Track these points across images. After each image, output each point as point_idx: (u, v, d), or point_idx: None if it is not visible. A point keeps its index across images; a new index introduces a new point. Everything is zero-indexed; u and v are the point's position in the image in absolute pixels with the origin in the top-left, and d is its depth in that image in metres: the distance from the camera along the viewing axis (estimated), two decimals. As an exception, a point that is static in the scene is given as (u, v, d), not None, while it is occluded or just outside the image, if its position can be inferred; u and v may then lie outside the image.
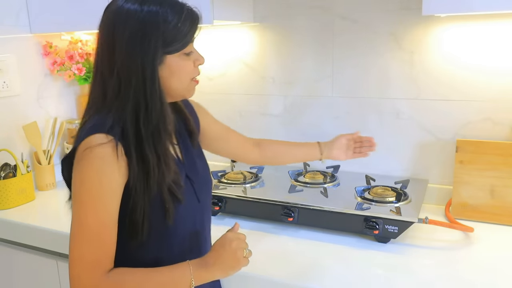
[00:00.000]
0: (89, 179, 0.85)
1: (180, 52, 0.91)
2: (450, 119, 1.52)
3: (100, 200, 0.85)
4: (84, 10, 1.66)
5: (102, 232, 0.84)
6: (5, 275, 1.66)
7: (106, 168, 0.85)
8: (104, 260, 0.85)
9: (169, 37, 0.89)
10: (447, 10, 1.20)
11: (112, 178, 0.85)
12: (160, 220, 0.92)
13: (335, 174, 1.63)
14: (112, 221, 0.86)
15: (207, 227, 1.08)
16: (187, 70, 0.94)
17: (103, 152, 0.85)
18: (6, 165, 1.67)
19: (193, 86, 0.98)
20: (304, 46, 1.68)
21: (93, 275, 0.83)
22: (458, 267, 1.18)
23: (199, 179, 1.03)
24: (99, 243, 0.84)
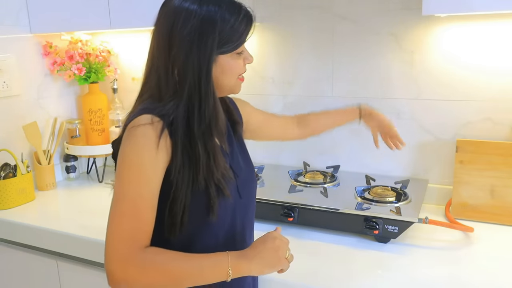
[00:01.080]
0: (131, 155, 0.86)
1: (233, 52, 0.93)
2: (450, 119, 1.52)
3: (141, 175, 0.85)
4: (84, 10, 1.66)
5: (142, 207, 0.84)
6: (5, 275, 1.66)
7: (146, 147, 0.85)
8: (141, 235, 0.84)
9: (225, 37, 0.90)
10: (447, 10, 1.20)
11: (153, 157, 0.86)
12: (200, 215, 0.92)
13: (335, 174, 1.63)
14: (152, 197, 0.86)
15: (247, 228, 1.06)
16: (237, 68, 0.96)
17: (147, 131, 0.86)
18: (6, 165, 1.67)
19: (239, 83, 1.00)
20: (304, 46, 1.68)
21: (129, 247, 0.82)
22: (458, 267, 1.18)
23: (242, 174, 1.01)
24: (137, 218, 0.84)
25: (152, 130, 0.86)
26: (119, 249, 0.82)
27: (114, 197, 0.86)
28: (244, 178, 1.02)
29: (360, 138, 1.65)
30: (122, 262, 0.81)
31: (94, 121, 1.92)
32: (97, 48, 1.91)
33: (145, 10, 1.56)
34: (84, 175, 2.04)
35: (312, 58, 1.67)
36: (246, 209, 1.04)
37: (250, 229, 1.08)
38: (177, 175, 0.88)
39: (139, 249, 0.82)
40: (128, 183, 0.85)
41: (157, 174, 0.87)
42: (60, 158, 1.97)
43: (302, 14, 1.65)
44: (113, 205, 0.85)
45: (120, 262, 0.81)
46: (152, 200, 0.86)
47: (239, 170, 1.01)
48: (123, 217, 0.83)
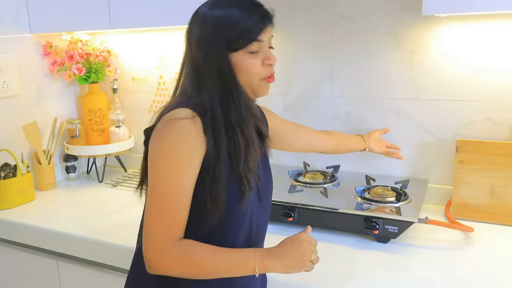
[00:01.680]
0: (168, 148, 0.88)
1: (244, 50, 0.94)
2: (450, 119, 1.52)
3: (177, 169, 0.88)
4: (84, 10, 1.66)
5: (177, 200, 0.88)
6: (5, 275, 1.66)
7: (185, 140, 0.88)
8: (176, 227, 0.88)
9: (235, 35, 0.92)
10: (447, 10, 1.20)
11: (190, 151, 0.88)
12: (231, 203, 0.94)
13: (335, 174, 1.63)
14: (186, 191, 0.89)
15: (261, 232, 1.08)
16: (253, 68, 0.95)
17: (185, 125, 0.88)
18: (6, 165, 1.67)
19: (264, 85, 0.99)
20: (304, 46, 1.68)
21: (165, 238, 0.87)
22: (458, 267, 1.18)
23: (262, 180, 1.03)
24: (173, 210, 0.88)
25: (191, 125, 0.89)
26: (156, 239, 0.87)
27: (150, 187, 0.90)
28: (263, 184, 1.04)
29: (360, 138, 1.66)
30: (159, 252, 0.87)
31: (94, 121, 1.92)
32: (97, 48, 1.91)
33: (145, 10, 1.56)
34: (84, 175, 2.04)
35: (312, 58, 1.67)
36: (263, 213, 1.06)
37: (263, 233, 1.09)
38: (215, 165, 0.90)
39: (174, 241, 0.88)
40: (165, 176, 0.88)
41: (193, 168, 0.89)
42: (60, 158, 1.98)
43: (302, 14, 1.65)
44: (149, 196, 0.90)
45: (156, 251, 0.87)
46: (187, 193, 0.89)
47: (260, 172, 1.02)
48: (159, 209, 0.88)
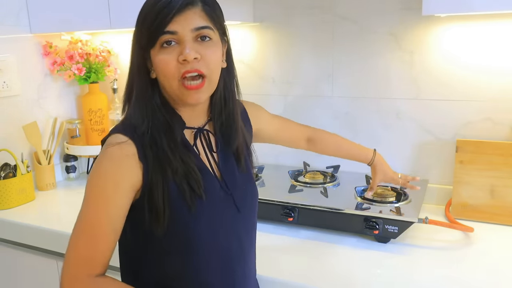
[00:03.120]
0: (95, 177, 0.84)
1: (158, 45, 0.84)
2: (450, 119, 1.52)
3: (101, 200, 0.83)
4: (84, 10, 1.66)
5: (98, 232, 0.82)
6: (5, 275, 1.66)
7: (111, 168, 0.84)
8: (94, 261, 0.82)
9: (143, 28, 0.85)
10: (447, 10, 1.20)
11: (117, 180, 0.83)
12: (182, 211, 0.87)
13: (335, 174, 1.63)
14: (111, 221, 0.83)
15: (247, 246, 0.98)
16: (169, 68, 0.84)
17: (115, 153, 0.84)
18: (6, 165, 1.67)
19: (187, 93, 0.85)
20: (304, 46, 1.68)
21: (78, 271, 0.81)
22: (458, 267, 1.18)
23: (239, 191, 0.96)
24: (92, 245, 0.82)
25: (119, 153, 0.84)
26: (70, 270, 0.82)
27: (79, 214, 0.84)
28: (241, 194, 0.97)
29: (360, 138, 1.65)
30: (71, 282, 0.81)
31: (94, 121, 1.92)
32: (97, 48, 1.91)
33: (145, 10, 1.56)
34: (84, 175, 2.04)
35: (312, 58, 1.67)
36: (245, 222, 0.98)
37: (249, 243, 1.00)
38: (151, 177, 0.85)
39: (87, 276, 0.81)
40: (87, 206, 0.83)
41: (120, 198, 0.83)
42: (60, 158, 1.97)
43: (302, 14, 1.65)
44: (75, 223, 0.84)
45: (68, 282, 0.81)
46: (111, 225, 0.83)
47: (233, 186, 0.96)
48: (79, 240, 0.83)
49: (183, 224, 0.88)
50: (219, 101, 0.95)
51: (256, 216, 1.04)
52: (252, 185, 1.03)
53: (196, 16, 0.83)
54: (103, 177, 0.84)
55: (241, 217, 0.97)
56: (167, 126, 0.88)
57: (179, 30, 0.82)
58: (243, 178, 0.99)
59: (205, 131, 0.95)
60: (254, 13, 1.72)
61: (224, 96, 0.95)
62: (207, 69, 0.85)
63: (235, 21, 1.67)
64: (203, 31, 0.84)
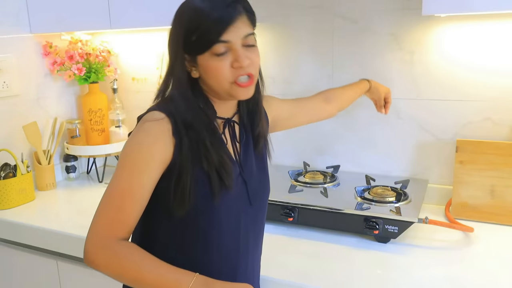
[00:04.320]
0: (130, 148, 0.90)
1: (210, 53, 0.89)
2: (450, 119, 1.52)
3: (135, 168, 0.88)
4: (84, 10, 1.66)
5: (127, 198, 0.87)
6: (5, 275, 1.66)
7: (147, 140, 0.89)
8: (120, 226, 0.87)
9: (194, 37, 0.88)
10: (447, 10, 1.20)
11: (152, 152, 0.88)
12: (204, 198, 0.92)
13: (335, 174, 1.62)
14: (140, 192, 0.88)
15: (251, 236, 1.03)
16: (220, 71, 0.90)
17: (150, 126, 0.89)
18: (6, 165, 1.67)
19: (237, 89, 0.92)
20: (304, 46, 1.68)
21: (105, 234, 0.86)
22: (458, 267, 1.18)
23: (253, 183, 1.01)
24: (120, 209, 0.87)
25: (156, 126, 0.89)
26: (97, 233, 0.86)
27: (109, 183, 0.89)
28: (255, 186, 1.02)
29: (360, 138, 1.66)
30: (96, 246, 0.86)
31: (94, 121, 1.92)
32: (97, 48, 1.91)
33: (145, 10, 1.56)
34: (84, 175, 2.04)
35: (312, 58, 1.67)
36: (254, 217, 1.03)
37: (255, 237, 1.04)
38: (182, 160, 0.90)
39: (114, 239, 0.86)
40: (120, 174, 0.88)
41: (153, 169, 0.89)
42: (60, 158, 1.98)
43: (302, 14, 1.65)
44: (105, 191, 0.89)
45: (94, 245, 0.86)
46: (141, 194, 0.88)
47: (250, 177, 1.00)
48: (108, 204, 0.88)
49: (203, 211, 0.93)
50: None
51: (265, 216, 1.08)
52: (266, 181, 1.08)
53: (244, 25, 0.90)
54: (139, 148, 0.89)
55: (251, 209, 1.01)
56: (205, 119, 0.94)
57: (232, 40, 0.89)
58: (259, 172, 1.05)
59: (232, 122, 1.01)
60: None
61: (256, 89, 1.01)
62: (255, 70, 0.94)
63: (235, 21, 1.66)
64: (250, 38, 0.92)
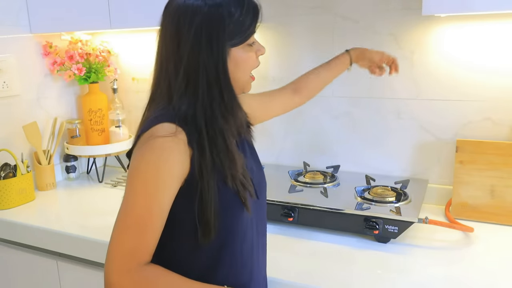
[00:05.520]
0: (147, 168, 0.83)
1: (244, 44, 0.92)
2: (450, 119, 1.52)
3: (153, 191, 0.82)
4: (84, 10, 1.66)
5: (148, 223, 0.82)
6: (5, 275, 1.66)
7: (167, 160, 0.83)
8: (142, 251, 0.82)
9: (234, 30, 0.89)
10: (447, 10, 1.20)
11: (171, 172, 0.83)
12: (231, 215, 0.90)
13: (335, 174, 1.62)
14: (161, 213, 0.83)
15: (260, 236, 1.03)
16: (250, 61, 0.94)
17: (168, 143, 0.83)
18: (6, 165, 1.67)
19: (250, 81, 0.97)
20: (304, 46, 1.68)
21: (129, 261, 0.81)
22: (458, 267, 1.18)
23: (255, 176, 1.00)
24: (142, 233, 0.82)
25: (173, 143, 0.83)
26: (119, 261, 0.81)
27: (123, 207, 0.83)
28: (258, 180, 1.02)
29: (360, 138, 1.66)
30: (120, 275, 0.81)
31: (94, 121, 1.92)
32: (97, 48, 1.91)
33: (145, 10, 1.56)
34: (84, 175, 2.04)
35: (312, 58, 1.67)
36: (261, 212, 1.04)
37: (262, 231, 1.05)
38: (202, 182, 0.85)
39: (138, 265, 0.81)
40: (140, 197, 0.83)
41: (172, 189, 0.84)
42: (60, 158, 1.98)
43: (302, 14, 1.65)
44: (120, 216, 0.83)
45: (119, 275, 0.80)
46: (161, 216, 0.84)
47: (252, 172, 1.00)
48: (127, 229, 0.82)
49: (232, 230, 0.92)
50: None
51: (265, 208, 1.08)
52: (262, 171, 1.08)
53: None
54: (155, 168, 0.83)
55: (257, 204, 1.00)
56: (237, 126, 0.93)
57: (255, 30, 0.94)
58: (257, 166, 1.05)
59: None
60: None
61: None
62: None
63: (235, 21, 1.66)
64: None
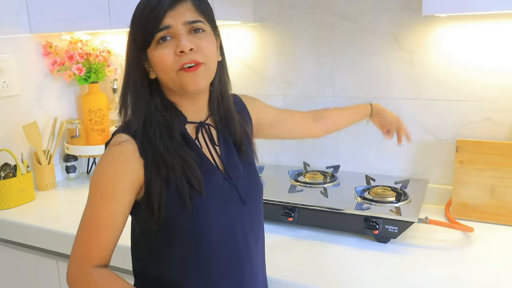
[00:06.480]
0: (96, 177, 0.89)
1: (154, 42, 0.87)
2: (450, 119, 1.52)
3: (103, 198, 0.87)
4: (84, 10, 1.66)
5: (98, 229, 0.87)
6: (5, 275, 1.66)
7: (113, 167, 0.88)
8: (92, 255, 0.86)
9: (138, 29, 0.88)
10: (447, 10, 1.20)
11: (118, 178, 0.87)
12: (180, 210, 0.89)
13: (335, 174, 1.62)
14: (110, 221, 0.87)
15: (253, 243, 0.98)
16: (167, 61, 0.86)
17: (114, 152, 0.88)
18: (6, 165, 1.67)
19: (185, 76, 0.87)
20: (304, 46, 1.68)
21: (80, 265, 0.86)
22: (458, 267, 1.18)
23: (242, 183, 0.97)
24: (91, 239, 0.87)
25: (118, 150, 0.88)
26: (74, 264, 0.87)
27: (82, 215, 0.89)
28: (245, 186, 0.98)
29: (360, 138, 1.66)
30: (74, 276, 0.87)
31: (94, 121, 1.92)
32: (97, 48, 1.91)
33: (145, 10, 1.55)
34: (84, 175, 2.04)
35: (312, 57, 1.67)
36: (250, 219, 0.99)
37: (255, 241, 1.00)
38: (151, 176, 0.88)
39: (88, 268, 0.86)
40: (90, 203, 0.88)
41: (119, 195, 0.87)
42: (60, 158, 1.97)
43: (302, 14, 1.65)
44: (80, 220, 0.89)
45: (73, 275, 0.87)
46: (111, 222, 0.87)
47: (237, 178, 0.97)
48: (81, 234, 0.88)
49: (181, 221, 0.90)
50: (217, 95, 0.98)
51: (262, 214, 1.05)
52: (256, 177, 1.04)
53: (187, 11, 0.87)
54: (103, 176, 0.88)
55: (246, 210, 0.97)
56: (164, 124, 0.91)
57: (173, 24, 0.86)
58: (247, 170, 1.01)
59: (207, 125, 0.98)
60: (254, 13, 1.72)
61: (220, 90, 0.99)
62: (204, 57, 0.88)
63: (235, 21, 1.67)
64: (196, 25, 0.88)
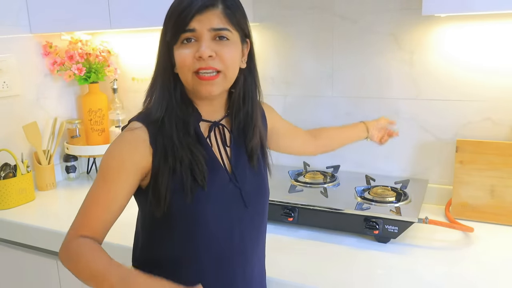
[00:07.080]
0: (105, 157, 0.92)
1: (180, 42, 0.89)
2: (450, 119, 1.52)
3: (105, 178, 0.90)
4: (84, 10, 1.66)
5: (93, 205, 0.90)
6: (5, 275, 1.66)
7: (120, 150, 0.91)
8: (82, 227, 0.90)
9: (168, 26, 0.91)
10: (447, 10, 1.20)
11: (125, 161, 0.90)
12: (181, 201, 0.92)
13: (335, 174, 1.62)
14: (107, 201, 0.90)
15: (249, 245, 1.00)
16: (184, 61, 0.89)
17: (126, 136, 0.92)
18: (6, 165, 1.67)
19: (198, 82, 0.89)
20: (304, 46, 1.68)
21: (71, 233, 0.91)
22: (458, 267, 1.18)
23: (247, 186, 0.98)
24: (86, 215, 0.91)
25: (130, 135, 0.91)
26: (67, 236, 0.91)
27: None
28: (249, 189, 0.99)
29: (360, 138, 1.65)
30: (63, 245, 0.91)
31: (94, 121, 1.92)
32: (97, 48, 1.91)
33: (145, 10, 1.56)
34: (84, 175, 2.04)
35: (312, 58, 1.67)
36: (251, 222, 1.00)
37: (253, 244, 1.02)
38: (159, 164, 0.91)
39: (75, 237, 0.89)
40: (94, 182, 0.92)
41: (123, 177, 0.90)
42: (60, 158, 1.98)
43: (302, 14, 1.65)
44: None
45: (62, 246, 0.91)
46: (107, 202, 0.90)
47: (243, 180, 0.98)
48: (81, 211, 0.92)
49: (182, 211, 0.92)
50: (238, 99, 0.98)
51: (266, 220, 1.06)
52: (263, 184, 1.05)
53: (215, 17, 0.88)
54: (111, 157, 0.91)
55: (247, 213, 0.99)
56: (182, 118, 0.93)
57: (197, 28, 0.87)
58: (254, 176, 1.02)
59: (221, 126, 0.99)
60: (254, 13, 1.72)
61: (243, 95, 0.99)
62: (223, 65, 0.90)
63: (235, 21, 1.66)
64: (221, 32, 0.89)
